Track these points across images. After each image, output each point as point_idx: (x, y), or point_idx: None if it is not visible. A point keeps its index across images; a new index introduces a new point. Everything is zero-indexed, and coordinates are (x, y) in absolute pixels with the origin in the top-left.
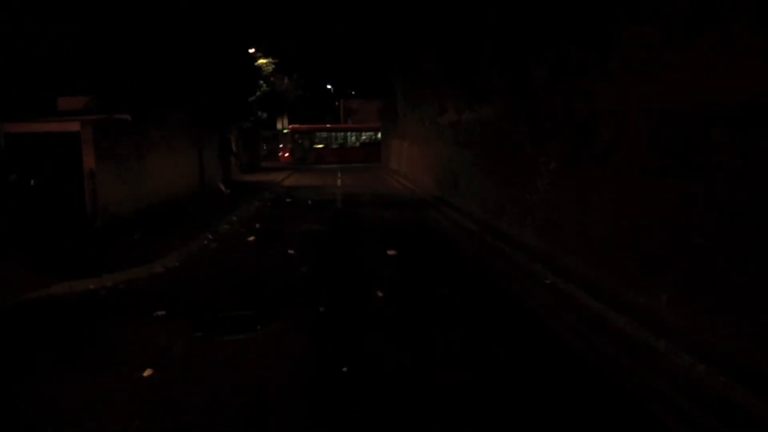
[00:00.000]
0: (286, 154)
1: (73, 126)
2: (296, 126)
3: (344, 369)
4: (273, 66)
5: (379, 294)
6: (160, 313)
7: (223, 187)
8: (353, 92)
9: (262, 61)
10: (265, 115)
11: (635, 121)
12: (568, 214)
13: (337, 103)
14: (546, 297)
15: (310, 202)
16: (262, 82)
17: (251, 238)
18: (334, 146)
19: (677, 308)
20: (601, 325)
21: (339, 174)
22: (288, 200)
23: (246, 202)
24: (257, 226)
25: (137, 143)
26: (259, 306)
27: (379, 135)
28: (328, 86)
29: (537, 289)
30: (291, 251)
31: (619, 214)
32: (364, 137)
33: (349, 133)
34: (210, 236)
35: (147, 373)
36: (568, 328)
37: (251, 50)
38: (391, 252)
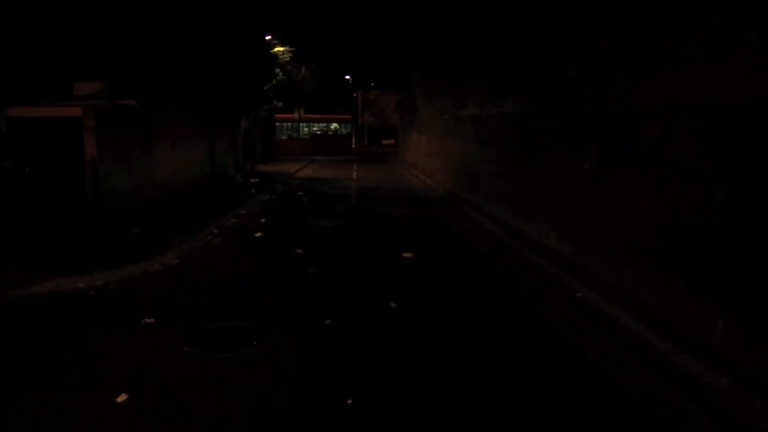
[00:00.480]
0: None
1: (75, 111)
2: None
3: (349, 401)
4: (290, 54)
5: (392, 305)
6: (149, 320)
7: (249, 177)
8: (372, 83)
9: (278, 48)
10: (281, 104)
11: (687, 118)
12: (603, 220)
13: (354, 95)
14: (580, 316)
15: (323, 195)
16: (278, 70)
17: (258, 234)
18: (302, 137)
19: (736, 337)
20: (646, 354)
21: (355, 166)
22: (300, 193)
23: (257, 193)
24: (266, 220)
25: (144, 131)
26: (259, 315)
27: (349, 128)
28: (347, 77)
29: (569, 306)
30: (299, 250)
31: (663, 221)
32: (332, 129)
33: (319, 124)
34: (215, 231)
35: (121, 398)
36: (611, 359)
37: (268, 37)
38: (407, 255)
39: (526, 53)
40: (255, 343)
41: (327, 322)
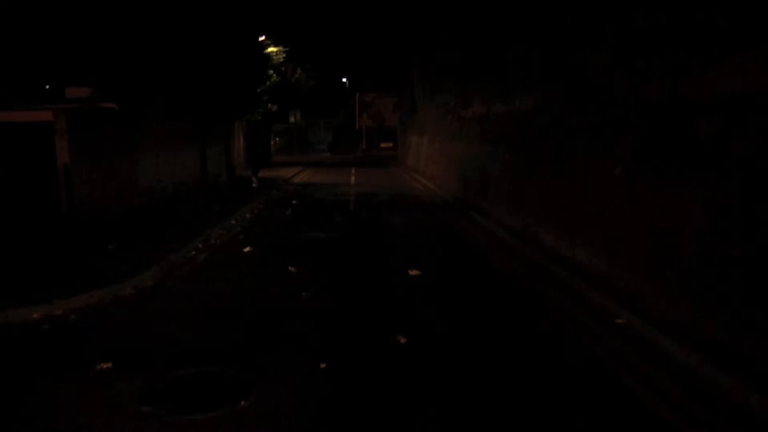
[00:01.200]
0: None
1: (45, 115)
2: None
3: None
4: (284, 55)
5: (402, 340)
6: (105, 365)
7: (254, 181)
8: (369, 86)
9: (272, 49)
10: (275, 107)
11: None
12: (640, 231)
13: (352, 101)
14: (626, 349)
15: (320, 203)
16: (272, 71)
17: (247, 249)
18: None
19: None
20: (712, 400)
21: (353, 171)
22: (295, 201)
23: (249, 201)
24: (257, 232)
25: (127, 135)
26: (240, 355)
27: None
28: (344, 80)
29: (608, 335)
30: (292, 268)
31: (724, 235)
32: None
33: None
34: (200, 245)
35: None
36: (668, 406)
37: (261, 38)
38: (413, 272)
39: (541, 44)
40: (230, 400)
41: (322, 366)
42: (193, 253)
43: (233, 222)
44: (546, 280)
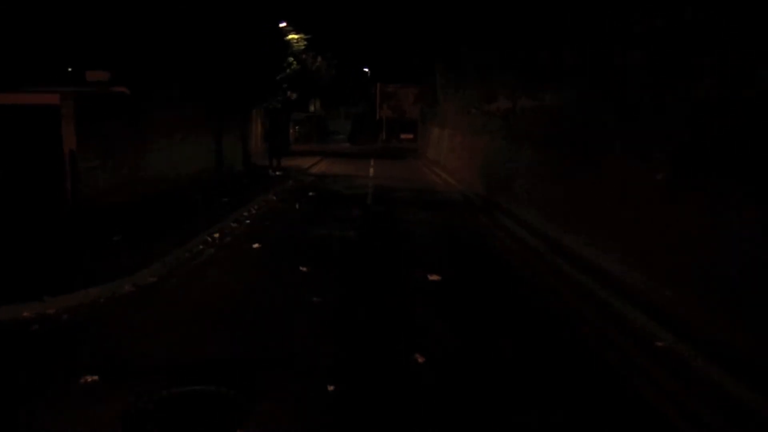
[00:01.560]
0: None
1: (52, 99)
2: None
3: None
4: (305, 43)
5: (420, 359)
6: (91, 378)
7: (271, 171)
8: (391, 77)
9: (292, 36)
10: (295, 95)
11: None
12: (684, 243)
13: (373, 91)
14: (670, 381)
15: (336, 196)
16: (292, 59)
17: (256, 246)
18: None
19: None
20: None
21: (372, 162)
22: (311, 193)
23: (264, 192)
24: (269, 225)
25: (138, 121)
26: (239, 371)
27: None
28: (365, 69)
29: (650, 361)
30: (303, 268)
31: None
32: None
33: None
34: (209, 238)
35: None
36: None
37: (282, 24)
38: (433, 277)
39: (575, 37)
40: (227, 425)
41: (330, 388)
42: (201, 247)
43: (246, 214)
44: (574, 290)
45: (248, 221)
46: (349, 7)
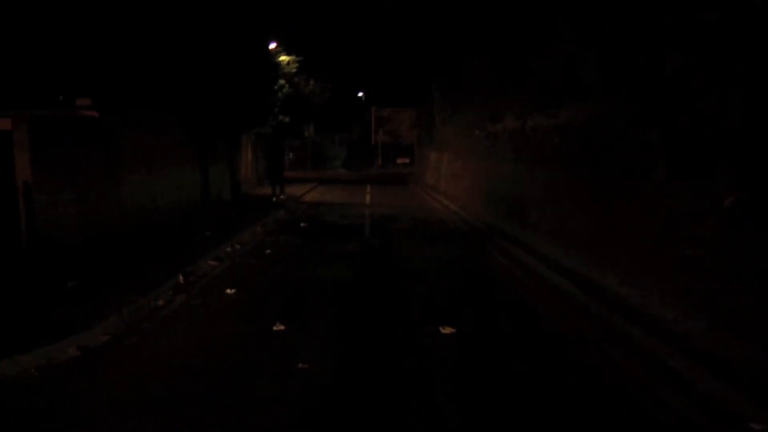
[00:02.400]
0: None
1: (4, 123)
2: None
3: None
4: (297, 65)
5: None
6: None
7: (275, 199)
8: (385, 102)
9: (284, 57)
10: (287, 119)
11: None
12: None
13: (368, 116)
14: None
15: (330, 228)
16: (284, 82)
17: (232, 291)
18: None
19: None
20: None
21: (368, 188)
22: (303, 225)
23: (251, 223)
24: (253, 265)
25: (110, 148)
26: None
27: None
28: (360, 94)
29: None
30: (281, 326)
31: None
32: None
33: None
34: (182, 281)
35: None
36: None
37: (273, 45)
38: (446, 330)
39: (598, 42)
40: None
41: None
42: (171, 293)
43: (228, 249)
44: (620, 345)
45: (230, 260)
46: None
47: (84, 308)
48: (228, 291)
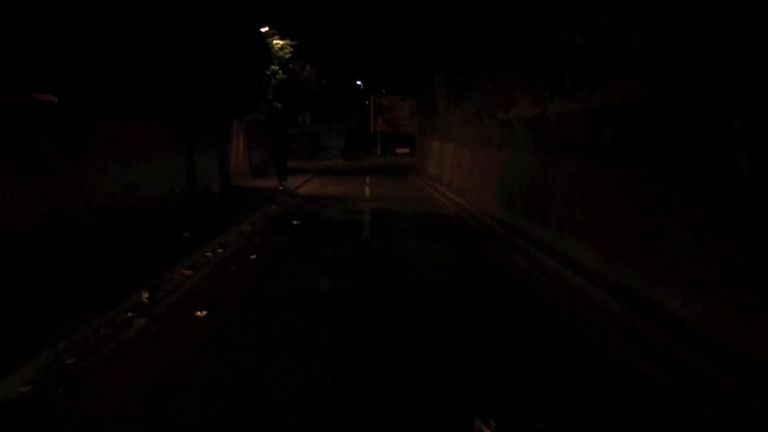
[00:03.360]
0: None
1: None
2: None
3: None
4: (291, 49)
5: None
6: None
7: (281, 187)
8: (384, 90)
9: (277, 41)
10: (280, 105)
11: None
12: None
13: (367, 102)
14: None
15: (326, 225)
16: (277, 68)
17: (203, 314)
18: None
19: None
20: None
21: (367, 180)
22: (296, 222)
23: (238, 220)
24: (232, 275)
25: (75, 137)
26: None
27: None
28: (358, 82)
29: None
30: (258, 371)
31: None
32: None
33: None
34: (145, 299)
35: None
36: None
37: (265, 29)
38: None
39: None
40: None
41: None
42: (129, 315)
43: (209, 254)
44: (700, 394)
45: (208, 267)
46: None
47: (9, 341)
48: (198, 314)
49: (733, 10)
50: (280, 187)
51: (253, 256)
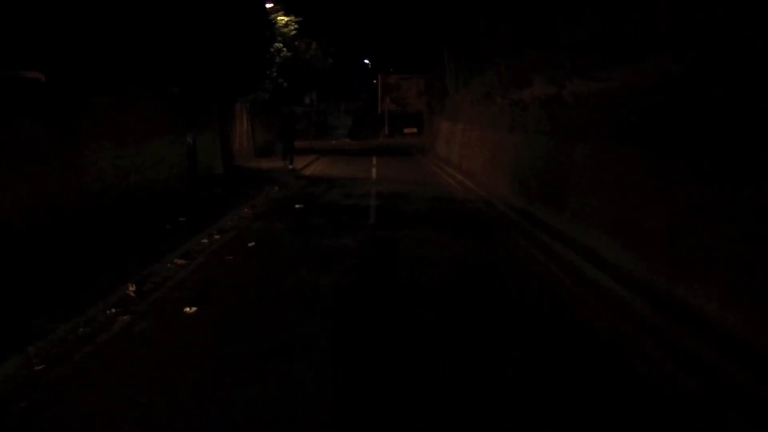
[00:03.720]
0: None
1: None
2: None
3: None
4: (296, 25)
5: None
6: None
7: (290, 167)
8: (392, 69)
9: (282, 18)
10: (285, 83)
11: None
12: None
13: (375, 82)
14: None
15: (330, 210)
16: (282, 45)
17: (192, 311)
18: None
19: None
20: None
21: (374, 161)
22: (298, 206)
23: (239, 204)
24: (227, 265)
25: (67, 118)
26: None
27: None
28: (366, 61)
29: None
30: (257, 379)
31: None
32: None
33: None
34: (131, 293)
35: None
36: None
37: (269, 5)
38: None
39: None
40: None
41: None
42: (113, 311)
43: (205, 241)
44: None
45: (202, 256)
46: None
47: None
48: (187, 310)
49: None
50: (290, 166)
51: (251, 244)
